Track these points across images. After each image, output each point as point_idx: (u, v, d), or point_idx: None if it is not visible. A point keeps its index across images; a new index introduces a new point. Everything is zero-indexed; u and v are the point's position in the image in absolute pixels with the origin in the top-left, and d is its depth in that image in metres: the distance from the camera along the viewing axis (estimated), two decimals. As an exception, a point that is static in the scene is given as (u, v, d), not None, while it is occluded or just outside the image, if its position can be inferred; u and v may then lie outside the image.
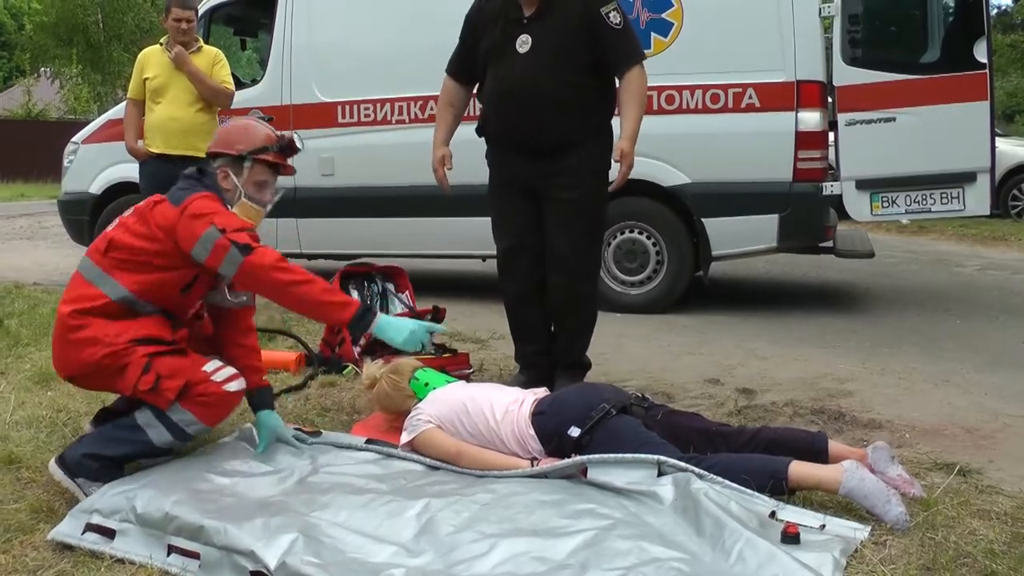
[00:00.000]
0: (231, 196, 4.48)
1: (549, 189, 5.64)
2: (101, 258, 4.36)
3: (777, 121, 8.40)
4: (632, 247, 8.98)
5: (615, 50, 5.56)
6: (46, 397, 5.65)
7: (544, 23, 5.50)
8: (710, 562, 3.34)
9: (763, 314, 8.89)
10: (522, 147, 5.65)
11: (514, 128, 5.65)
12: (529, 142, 5.62)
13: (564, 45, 5.49)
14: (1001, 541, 3.58)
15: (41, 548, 3.65)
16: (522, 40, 5.53)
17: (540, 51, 5.50)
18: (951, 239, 15.08)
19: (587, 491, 3.92)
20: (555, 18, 5.49)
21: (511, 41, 5.56)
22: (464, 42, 5.92)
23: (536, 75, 5.49)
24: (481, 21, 5.75)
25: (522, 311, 5.95)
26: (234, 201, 4.48)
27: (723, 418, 5.19)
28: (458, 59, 6.00)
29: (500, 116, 5.69)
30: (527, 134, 5.61)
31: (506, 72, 5.59)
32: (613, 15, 5.49)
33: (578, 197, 5.64)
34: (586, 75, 5.57)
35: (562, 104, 5.53)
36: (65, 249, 13.23)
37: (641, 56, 5.61)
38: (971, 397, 5.74)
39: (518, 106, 5.56)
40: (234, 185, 4.49)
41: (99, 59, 35.36)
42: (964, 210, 8.61)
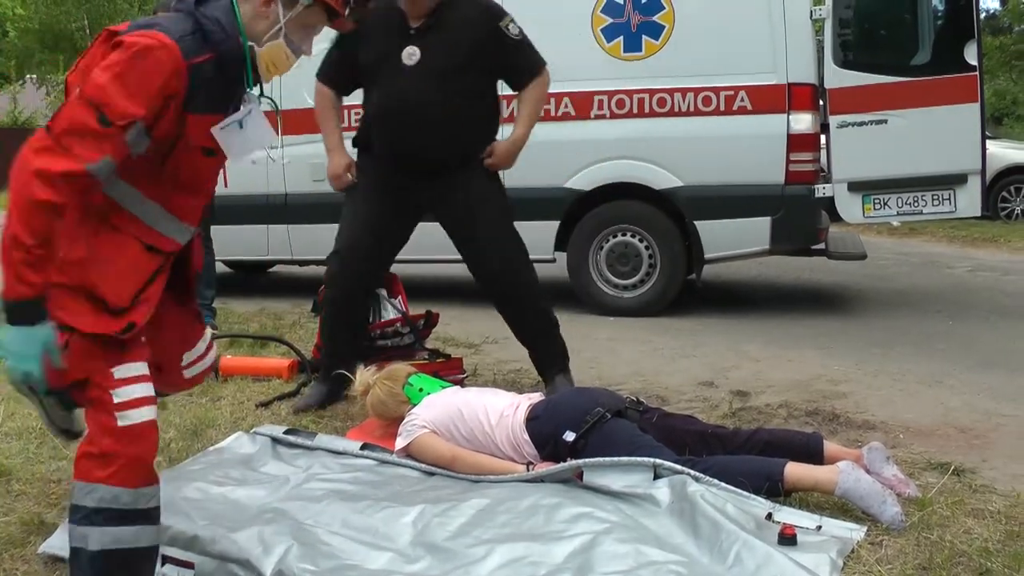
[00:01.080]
0: (258, 31, 3.24)
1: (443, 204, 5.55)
2: None
3: (769, 124, 8.41)
4: (625, 250, 8.97)
5: (518, 64, 5.56)
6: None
7: (433, 36, 5.33)
8: (707, 564, 3.34)
9: (756, 316, 8.89)
10: (410, 165, 5.46)
11: (401, 145, 5.44)
12: (417, 160, 5.46)
13: (455, 59, 5.34)
14: (996, 540, 3.59)
15: (32, 561, 3.62)
16: (409, 52, 5.33)
17: (429, 65, 5.31)
18: (942, 241, 15.10)
19: (583, 495, 3.92)
20: (445, 31, 5.34)
21: (397, 53, 5.34)
22: (341, 48, 5.55)
23: (425, 91, 5.31)
24: (362, 29, 5.17)
25: (347, 314, 5.79)
26: (261, 39, 3.24)
27: (718, 420, 5.19)
28: (335, 67, 5.65)
29: (387, 133, 5.46)
30: (415, 152, 5.42)
31: (392, 86, 5.37)
32: (512, 27, 5.48)
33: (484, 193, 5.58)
34: (477, 90, 5.48)
35: (452, 121, 5.40)
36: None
37: (543, 64, 5.65)
38: (964, 397, 5.75)
39: (406, 123, 5.36)
40: (276, 18, 3.24)
41: (85, 65, 35.27)
42: (955, 212, 8.64)
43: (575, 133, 8.82)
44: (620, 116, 8.78)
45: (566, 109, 8.87)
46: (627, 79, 8.75)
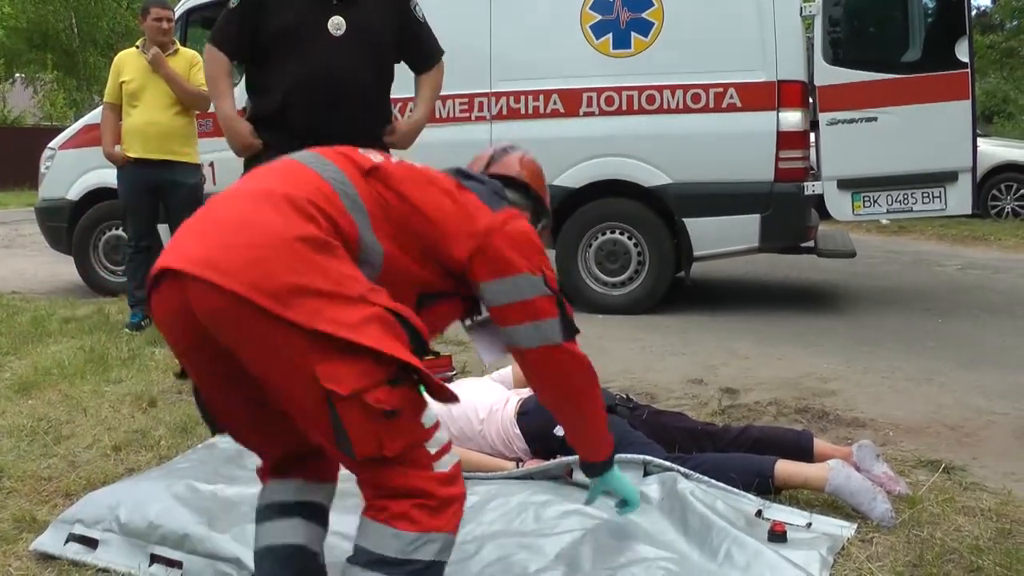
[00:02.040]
0: None
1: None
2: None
3: (758, 121, 8.42)
4: (613, 248, 8.98)
5: (424, 44, 5.55)
6: (27, 406, 5.60)
7: (353, 9, 5.15)
8: (698, 561, 3.34)
9: (745, 314, 8.89)
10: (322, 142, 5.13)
11: (324, 121, 5.08)
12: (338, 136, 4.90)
13: (379, 33, 5.28)
14: (986, 537, 3.59)
15: (24, 558, 3.61)
16: (335, 23, 5.12)
17: (356, 37, 5.15)
18: (931, 239, 15.11)
19: (573, 492, 3.91)
20: (364, 5, 5.20)
21: (322, 22, 5.12)
22: (245, 14, 5.16)
23: (355, 64, 5.17)
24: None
25: None
26: None
27: (707, 418, 5.19)
28: (235, 31, 5.23)
29: (307, 107, 5.12)
30: (338, 128, 5.04)
31: (319, 57, 5.11)
32: (418, 9, 5.46)
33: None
34: (390, 67, 5.44)
35: (375, 97, 5.35)
36: (43, 257, 13.15)
37: (442, 51, 5.64)
38: (954, 395, 5.75)
39: (333, 97, 5.13)
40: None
41: (74, 64, 35.19)
42: (946, 210, 8.64)
43: (564, 130, 8.83)
44: (609, 113, 8.79)
45: (555, 106, 8.88)
46: (616, 76, 8.76)
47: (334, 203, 2.64)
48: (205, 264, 2.40)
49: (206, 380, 2.73)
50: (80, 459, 4.68)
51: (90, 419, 5.31)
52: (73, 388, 5.92)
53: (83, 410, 5.47)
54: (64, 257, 10.96)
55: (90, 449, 4.83)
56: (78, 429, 5.15)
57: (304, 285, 2.40)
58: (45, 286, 11.39)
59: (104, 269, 10.48)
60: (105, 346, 7.10)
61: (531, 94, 8.95)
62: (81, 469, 4.51)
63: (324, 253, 2.49)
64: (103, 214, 10.25)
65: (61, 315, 8.52)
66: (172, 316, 2.56)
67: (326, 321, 2.37)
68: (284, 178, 2.70)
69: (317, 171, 2.74)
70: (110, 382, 6.10)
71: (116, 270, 10.22)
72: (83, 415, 5.39)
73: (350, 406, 2.39)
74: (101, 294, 10.07)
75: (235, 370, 2.55)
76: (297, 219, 2.51)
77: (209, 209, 2.66)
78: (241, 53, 5.29)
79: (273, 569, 2.84)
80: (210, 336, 2.49)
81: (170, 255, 2.50)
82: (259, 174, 2.81)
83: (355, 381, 2.38)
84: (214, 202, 2.70)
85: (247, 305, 2.36)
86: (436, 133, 9.07)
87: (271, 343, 2.40)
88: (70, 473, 4.46)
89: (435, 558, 2.57)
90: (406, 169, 2.93)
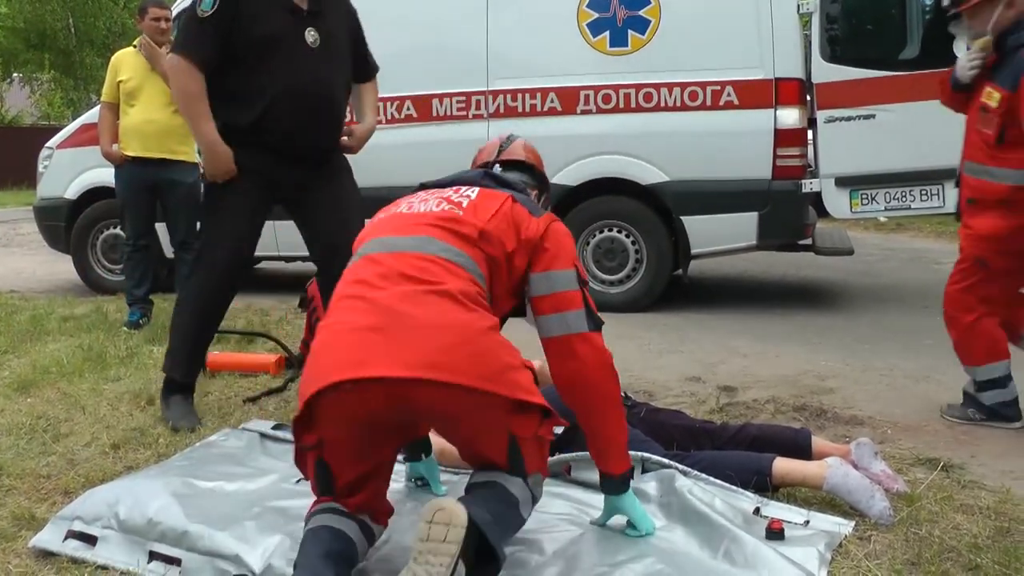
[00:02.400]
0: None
1: (306, 191, 5.40)
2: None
3: (756, 119, 8.41)
4: (611, 246, 8.98)
5: (368, 55, 5.71)
6: (25, 404, 5.60)
7: (322, 20, 5.23)
8: (696, 558, 3.34)
9: (743, 312, 8.90)
10: (298, 152, 5.27)
11: (300, 131, 5.19)
12: (311, 148, 5.32)
13: (343, 44, 5.37)
14: (985, 535, 3.59)
15: (24, 555, 3.61)
16: (311, 34, 5.17)
17: (328, 49, 5.24)
18: (929, 237, 15.10)
19: (571, 489, 3.93)
20: (329, 16, 5.29)
21: (299, 33, 5.14)
22: (221, 22, 5.02)
23: (330, 75, 5.27)
24: (246, 4, 5.05)
25: (216, 325, 5.56)
26: None
27: (705, 416, 5.20)
28: (209, 43, 5.06)
29: (288, 117, 5.13)
30: (312, 139, 5.27)
31: (300, 69, 5.13)
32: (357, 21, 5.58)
33: (350, 186, 5.59)
34: (350, 77, 5.54)
35: (343, 107, 5.45)
36: (41, 256, 13.17)
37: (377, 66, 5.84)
38: (952, 393, 5.73)
39: (312, 108, 5.19)
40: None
41: (71, 64, 35.15)
42: (943, 207, 8.63)
43: (561, 128, 8.81)
44: (606, 111, 8.79)
45: (552, 104, 8.88)
46: (613, 74, 8.75)
47: (477, 285, 3.24)
48: (431, 367, 2.94)
49: (350, 453, 3.17)
50: (79, 457, 4.68)
51: (89, 417, 5.32)
52: (72, 386, 5.93)
53: (82, 408, 5.47)
54: (62, 256, 10.96)
55: (89, 447, 4.83)
56: (77, 427, 5.15)
57: (504, 365, 3.09)
58: (43, 285, 11.40)
59: (102, 268, 10.48)
60: (103, 344, 7.10)
61: (528, 92, 8.94)
62: (80, 467, 4.51)
63: (499, 333, 3.20)
64: (101, 213, 10.24)
65: (59, 314, 8.52)
66: (362, 414, 3.06)
67: (521, 390, 3.10)
68: (441, 273, 3.20)
69: (452, 260, 3.25)
70: (108, 380, 6.10)
71: (114, 269, 10.22)
72: (82, 413, 5.39)
73: (527, 442, 3.21)
74: (99, 293, 10.07)
75: (380, 440, 3.21)
76: (476, 311, 3.14)
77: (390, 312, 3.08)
78: (214, 63, 5.09)
79: (316, 545, 3.09)
80: (382, 421, 3.12)
81: (373, 365, 2.95)
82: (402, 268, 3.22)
83: (533, 427, 3.20)
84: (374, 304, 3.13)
85: (474, 392, 2.98)
86: (434, 131, 9.13)
87: (481, 413, 3.09)
88: (69, 471, 4.46)
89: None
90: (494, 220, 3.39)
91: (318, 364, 3.08)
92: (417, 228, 3.35)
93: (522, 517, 3.29)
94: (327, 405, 3.02)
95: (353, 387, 2.95)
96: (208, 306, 5.39)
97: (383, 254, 3.30)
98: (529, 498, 3.28)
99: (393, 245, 3.33)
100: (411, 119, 9.20)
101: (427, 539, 2.85)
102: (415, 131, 9.19)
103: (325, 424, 3.09)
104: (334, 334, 3.12)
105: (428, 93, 9.16)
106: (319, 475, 3.21)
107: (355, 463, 3.19)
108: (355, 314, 3.12)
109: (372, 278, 3.21)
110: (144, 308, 8.04)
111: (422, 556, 2.83)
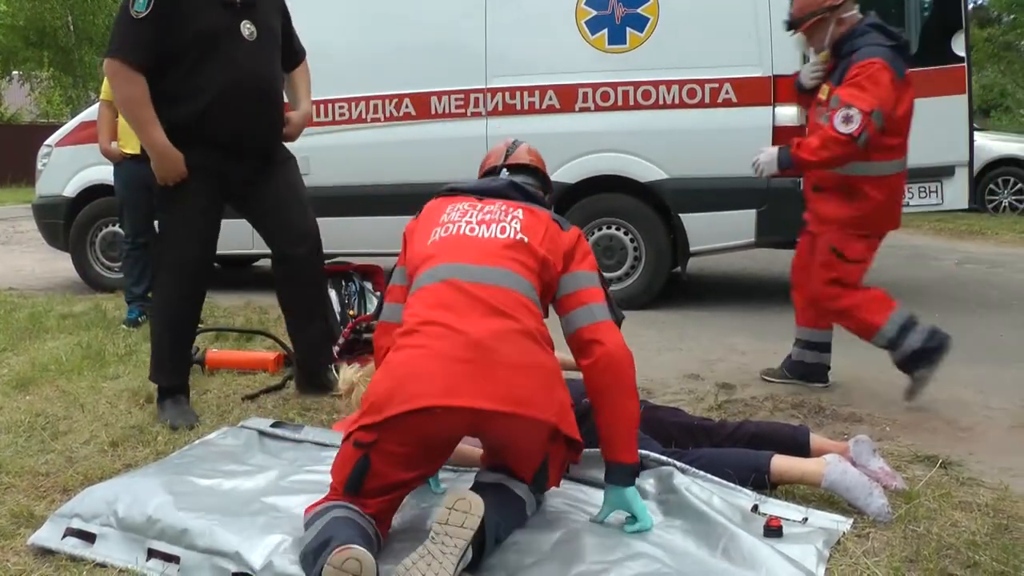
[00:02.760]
0: None
1: (253, 186, 5.43)
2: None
3: (754, 116, 8.40)
4: (610, 243, 8.97)
5: (297, 41, 5.72)
6: (24, 402, 5.61)
7: (253, 11, 5.20)
8: (694, 556, 3.35)
9: (742, 309, 8.89)
10: (243, 146, 5.29)
11: (244, 126, 5.20)
12: (254, 141, 5.34)
13: (275, 34, 5.36)
14: (983, 532, 3.59)
15: (22, 553, 3.62)
16: (246, 27, 5.15)
17: (263, 41, 5.22)
18: (929, 233, 15.11)
19: (570, 486, 3.93)
20: (260, 7, 5.26)
21: (235, 26, 5.12)
22: (157, 21, 4.95)
23: (268, 67, 5.28)
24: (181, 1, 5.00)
25: (191, 328, 5.60)
26: None
27: (704, 413, 5.20)
28: (150, 43, 4.97)
29: (233, 111, 5.11)
30: (256, 132, 5.29)
31: (240, 63, 5.11)
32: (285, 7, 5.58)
33: (293, 178, 5.60)
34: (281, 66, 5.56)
35: (282, 97, 5.46)
36: (40, 254, 13.17)
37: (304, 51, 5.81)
38: (951, 390, 5.74)
39: (255, 101, 5.19)
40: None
41: (70, 62, 35.11)
42: (942, 204, 8.65)
43: (560, 126, 8.81)
44: (605, 109, 8.77)
45: (551, 102, 8.87)
46: (612, 72, 8.74)
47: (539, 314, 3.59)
48: (516, 402, 3.26)
49: (400, 461, 3.35)
50: (77, 455, 4.68)
51: (87, 415, 5.32)
52: (70, 384, 5.93)
53: (80, 406, 5.47)
54: (61, 254, 10.96)
55: (87, 445, 4.84)
56: (75, 425, 5.16)
57: (564, 402, 3.45)
58: (42, 282, 11.39)
59: (101, 265, 10.47)
60: (102, 342, 7.11)
61: (527, 90, 8.92)
62: (79, 465, 4.52)
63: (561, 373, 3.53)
64: (100, 211, 10.24)
65: (58, 311, 8.53)
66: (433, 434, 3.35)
67: (569, 426, 3.44)
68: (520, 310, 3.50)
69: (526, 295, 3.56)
70: (107, 378, 6.10)
71: (113, 266, 10.22)
72: (80, 411, 5.40)
73: (555, 466, 3.60)
74: (98, 290, 10.09)
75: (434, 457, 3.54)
76: (548, 352, 3.50)
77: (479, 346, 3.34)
78: (151, 63, 5.00)
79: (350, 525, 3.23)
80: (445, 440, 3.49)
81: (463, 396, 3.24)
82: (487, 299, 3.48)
83: (563, 453, 3.58)
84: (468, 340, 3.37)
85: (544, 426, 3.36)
86: (432, 129, 9.12)
87: (536, 440, 3.44)
88: (68, 469, 4.46)
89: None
90: (544, 243, 3.73)
91: (405, 385, 3.27)
92: (494, 259, 3.60)
93: (525, 516, 3.60)
94: (408, 422, 3.23)
95: (442, 412, 3.21)
96: (180, 313, 5.40)
97: (466, 283, 3.52)
98: (533, 501, 3.64)
99: (474, 275, 3.55)
100: (410, 117, 9.18)
101: (447, 523, 3.08)
102: (414, 129, 9.17)
103: (393, 434, 3.27)
104: (423, 358, 3.33)
105: (427, 91, 9.15)
106: (356, 471, 3.33)
107: (400, 472, 3.38)
108: (443, 341, 3.35)
109: (458, 306, 3.45)
110: (143, 306, 8.03)
111: (439, 537, 3.05)
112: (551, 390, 3.40)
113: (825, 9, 5.53)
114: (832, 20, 5.54)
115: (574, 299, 3.68)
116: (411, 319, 3.49)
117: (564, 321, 3.70)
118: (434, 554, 3.02)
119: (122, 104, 5.21)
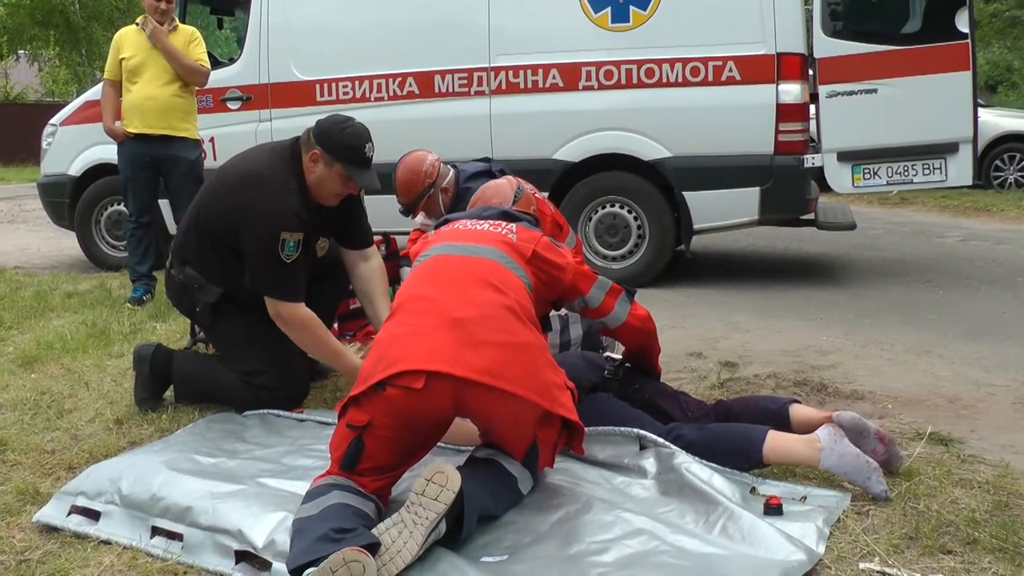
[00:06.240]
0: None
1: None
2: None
3: (758, 94, 8.39)
4: (613, 221, 8.96)
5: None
6: (29, 380, 5.63)
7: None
8: (693, 533, 3.36)
9: (745, 287, 8.89)
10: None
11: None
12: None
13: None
14: (983, 510, 3.60)
15: (28, 530, 3.65)
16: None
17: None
18: (933, 210, 15.07)
19: (569, 464, 3.93)
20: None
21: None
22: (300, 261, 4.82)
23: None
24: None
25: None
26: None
27: (706, 391, 5.22)
28: (304, 281, 4.92)
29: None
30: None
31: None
32: None
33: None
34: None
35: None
36: (46, 232, 13.19)
37: None
38: (953, 367, 5.75)
39: None
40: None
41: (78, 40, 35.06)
42: (946, 181, 8.63)
43: (563, 104, 8.81)
44: (608, 87, 8.76)
45: (554, 80, 8.85)
46: (615, 50, 8.72)
47: (528, 297, 3.77)
48: (492, 375, 3.37)
49: (391, 444, 3.47)
50: (82, 432, 4.71)
51: (92, 393, 5.34)
52: (75, 362, 5.95)
53: (85, 384, 5.49)
54: (66, 232, 10.99)
55: (92, 423, 4.86)
56: (80, 403, 5.18)
57: (550, 382, 3.56)
58: (48, 261, 11.41)
59: (106, 244, 10.49)
60: (107, 320, 7.12)
61: (530, 68, 8.90)
62: (83, 442, 4.55)
63: (548, 352, 3.72)
64: (104, 189, 10.24)
65: (63, 290, 8.55)
66: (418, 410, 3.42)
67: (560, 407, 3.53)
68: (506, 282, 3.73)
69: (513, 272, 3.81)
70: (112, 356, 6.12)
71: (118, 245, 10.22)
72: (85, 389, 5.42)
73: (545, 446, 3.62)
74: (103, 269, 10.13)
75: (423, 441, 3.64)
76: (531, 330, 3.64)
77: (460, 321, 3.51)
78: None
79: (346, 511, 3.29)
80: (431, 419, 3.53)
81: (441, 362, 3.37)
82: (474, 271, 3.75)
83: (555, 436, 3.64)
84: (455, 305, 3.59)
85: (520, 400, 3.42)
86: (436, 107, 9.12)
87: (521, 418, 3.49)
88: (73, 446, 4.50)
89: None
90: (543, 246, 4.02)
91: (388, 353, 3.45)
92: (484, 239, 3.91)
93: (520, 493, 3.64)
94: (392, 398, 3.37)
95: (424, 388, 3.34)
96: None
97: (457, 256, 3.84)
98: (527, 476, 3.67)
99: (467, 250, 3.86)
100: (413, 96, 9.17)
101: (422, 493, 3.17)
102: (417, 107, 9.16)
103: (382, 415, 3.41)
104: (408, 332, 3.53)
105: (430, 70, 9.13)
106: (350, 452, 3.45)
107: (392, 455, 3.50)
108: (428, 317, 3.55)
109: (446, 279, 3.72)
110: (147, 284, 8.06)
111: (413, 507, 3.16)
112: (534, 368, 3.53)
113: (428, 187, 6.12)
114: (437, 191, 6.12)
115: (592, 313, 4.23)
116: (400, 295, 3.78)
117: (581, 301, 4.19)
118: (406, 523, 3.13)
119: (313, 346, 4.92)
